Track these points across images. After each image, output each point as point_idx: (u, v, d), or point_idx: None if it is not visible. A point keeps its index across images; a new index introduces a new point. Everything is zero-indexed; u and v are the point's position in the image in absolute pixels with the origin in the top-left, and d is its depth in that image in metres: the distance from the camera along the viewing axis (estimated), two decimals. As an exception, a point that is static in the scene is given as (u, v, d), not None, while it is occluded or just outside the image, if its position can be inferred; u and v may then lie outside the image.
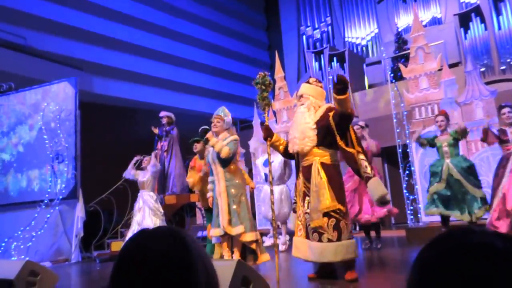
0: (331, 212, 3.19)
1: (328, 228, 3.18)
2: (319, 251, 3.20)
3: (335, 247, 3.16)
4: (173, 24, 12.45)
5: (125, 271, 0.74)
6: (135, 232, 0.81)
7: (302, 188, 3.43)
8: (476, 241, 0.59)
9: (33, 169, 7.19)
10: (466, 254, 0.58)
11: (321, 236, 3.20)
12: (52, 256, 6.53)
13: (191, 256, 0.75)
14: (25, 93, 7.52)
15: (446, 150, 4.86)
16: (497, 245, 0.58)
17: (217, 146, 4.02)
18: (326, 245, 3.17)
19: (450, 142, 4.84)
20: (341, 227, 3.19)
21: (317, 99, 3.50)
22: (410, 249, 5.10)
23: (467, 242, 0.60)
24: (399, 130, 6.81)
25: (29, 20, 8.82)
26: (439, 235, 0.64)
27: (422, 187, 6.13)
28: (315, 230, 3.23)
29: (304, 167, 3.43)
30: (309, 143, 3.36)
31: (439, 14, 12.23)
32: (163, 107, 9.84)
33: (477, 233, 0.61)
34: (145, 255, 0.74)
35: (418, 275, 0.61)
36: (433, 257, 0.61)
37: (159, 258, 0.73)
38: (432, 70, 6.50)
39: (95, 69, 9.88)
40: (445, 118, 4.97)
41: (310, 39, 14.83)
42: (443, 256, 0.59)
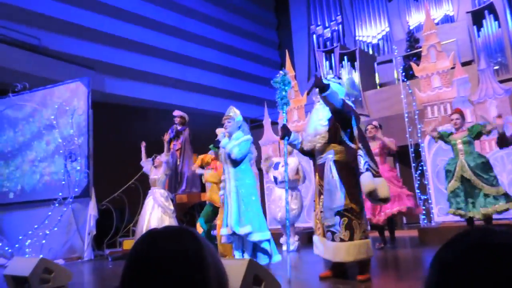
0: (343, 211, 3.16)
1: (340, 227, 3.16)
2: (332, 250, 3.19)
3: (347, 247, 3.13)
4: (183, 24, 12.50)
5: (136, 271, 0.74)
6: (145, 232, 0.81)
7: (317, 186, 3.43)
8: (496, 241, 0.59)
9: (47, 168, 7.29)
10: (487, 254, 0.58)
11: (334, 236, 3.19)
12: (65, 254, 6.62)
13: (202, 255, 0.76)
14: (39, 92, 7.63)
15: (460, 148, 4.77)
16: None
17: (228, 147, 4.04)
18: (339, 244, 3.16)
19: (464, 140, 4.75)
20: (353, 226, 3.16)
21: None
22: (423, 250, 5.05)
23: (487, 242, 0.59)
24: (411, 129, 6.75)
25: (43, 21, 8.93)
26: (457, 234, 0.64)
27: (434, 187, 6.07)
28: (329, 229, 3.22)
29: (318, 165, 3.41)
30: (320, 139, 3.34)
31: (451, 12, 12.08)
32: (174, 107, 9.89)
33: (497, 233, 0.60)
34: (155, 254, 0.74)
35: (438, 275, 0.60)
36: (452, 257, 0.61)
37: (169, 257, 0.73)
38: (444, 68, 6.43)
39: (106, 68, 9.98)
40: (460, 116, 4.90)
41: (321, 38, 14.77)
42: (463, 256, 0.59)
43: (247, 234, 3.91)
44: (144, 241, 0.78)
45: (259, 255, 4.00)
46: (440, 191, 5.92)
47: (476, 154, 4.79)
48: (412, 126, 6.75)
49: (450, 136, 4.92)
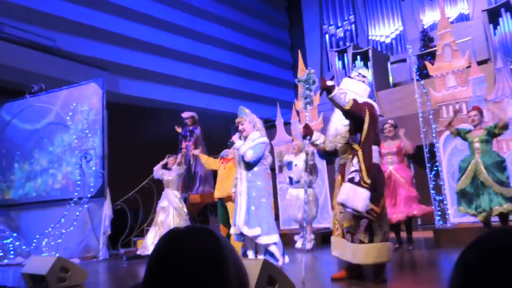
0: (364, 213, 3.11)
1: (360, 229, 3.12)
2: (352, 251, 3.15)
3: (366, 249, 3.08)
4: (196, 25, 12.57)
5: (157, 269, 0.75)
6: (167, 231, 0.82)
7: (339, 186, 3.36)
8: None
9: (63, 168, 7.40)
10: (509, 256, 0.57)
11: (353, 237, 3.16)
12: (81, 253, 6.71)
13: (222, 254, 0.76)
14: (54, 93, 7.75)
15: (477, 146, 4.68)
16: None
17: (242, 149, 4.03)
18: (358, 246, 3.12)
19: (482, 138, 4.65)
20: (373, 228, 3.11)
21: (357, 94, 3.34)
22: (438, 251, 4.99)
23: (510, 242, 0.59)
24: (425, 129, 6.66)
25: (58, 23, 9.07)
26: (482, 235, 0.63)
27: (449, 187, 5.98)
28: (349, 230, 3.19)
29: (340, 165, 3.38)
30: (341, 140, 3.31)
31: (467, 10, 11.91)
32: (186, 107, 9.96)
33: (523, 234, 0.60)
34: (175, 253, 0.75)
35: (462, 277, 0.60)
36: (477, 258, 0.60)
37: (189, 256, 0.74)
38: (459, 67, 6.34)
39: (120, 69, 10.09)
40: (478, 113, 4.81)
41: (333, 38, 14.70)
42: (488, 257, 0.58)
43: (255, 236, 3.91)
44: (165, 240, 0.79)
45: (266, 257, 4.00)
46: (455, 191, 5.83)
47: (494, 154, 4.70)
48: (427, 126, 6.66)
49: (468, 134, 4.83)
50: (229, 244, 0.80)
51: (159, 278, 0.74)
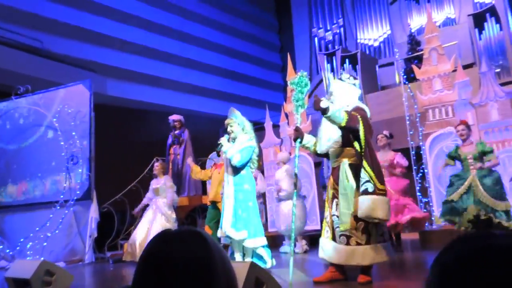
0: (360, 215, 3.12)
1: (357, 231, 3.14)
2: (347, 254, 3.16)
3: (363, 250, 3.12)
4: (185, 27, 12.54)
5: (147, 273, 0.75)
6: (159, 233, 0.82)
7: (331, 190, 3.38)
8: (496, 244, 0.59)
9: (49, 170, 7.31)
10: (487, 257, 0.58)
11: (349, 239, 3.16)
12: (66, 256, 6.62)
13: (213, 258, 0.76)
14: (41, 95, 7.65)
15: (471, 163, 4.61)
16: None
17: (230, 152, 4.02)
18: (355, 248, 3.13)
19: (475, 155, 4.59)
20: (370, 230, 3.14)
21: (346, 97, 3.36)
22: (424, 252, 5.05)
23: (487, 245, 0.60)
24: (412, 132, 6.74)
25: (46, 24, 8.97)
26: (458, 237, 0.64)
27: (435, 190, 6.06)
28: (343, 233, 3.19)
29: (333, 168, 3.39)
30: (335, 144, 3.32)
31: (453, 15, 12.09)
32: (175, 109, 9.91)
33: (497, 236, 0.60)
34: (166, 257, 0.74)
35: (438, 278, 0.60)
36: (452, 260, 0.61)
37: (180, 261, 0.74)
38: (446, 71, 6.43)
39: (108, 71, 10.01)
40: (466, 127, 4.78)
41: (322, 41, 14.79)
42: (463, 259, 0.59)
43: (242, 240, 3.91)
44: (155, 242, 0.79)
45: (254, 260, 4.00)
46: (441, 194, 5.90)
47: (486, 171, 4.59)
48: (414, 129, 6.74)
49: (459, 150, 4.75)
50: (219, 248, 0.80)
51: (148, 281, 0.74)
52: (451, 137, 5.84)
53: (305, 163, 7.46)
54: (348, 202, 3.17)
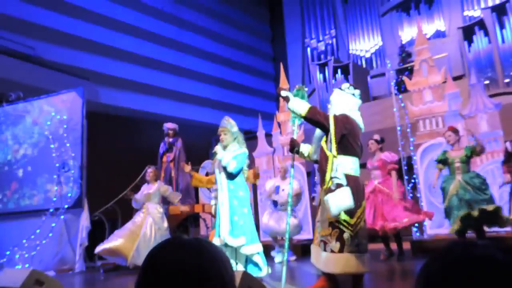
0: (335, 223, 3.15)
1: (331, 238, 3.15)
2: (324, 260, 3.20)
3: (335, 259, 3.12)
4: (179, 35, 12.60)
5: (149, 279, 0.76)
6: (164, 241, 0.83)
7: (320, 196, 3.41)
8: (478, 254, 0.62)
9: (39, 178, 7.24)
10: (469, 267, 0.61)
11: (326, 246, 3.19)
12: (56, 265, 6.54)
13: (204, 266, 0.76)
14: (33, 102, 7.61)
15: (458, 166, 4.78)
16: (499, 258, 0.61)
17: (225, 159, 4.04)
18: (329, 255, 3.16)
19: (462, 159, 4.76)
20: (344, 238, 3.13)
21: (342, 105, 3.41)
22: (415, 262, 5.07)
23: (469, 254, 0.62)
24: (403, 142, 6.82)
25: (38, 31, 8.97)
26: (444, 248, 0.67)
27: (426, 200, 6.12)
28: (322, 239, 3.23)
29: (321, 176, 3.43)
30: (327, 150, 3.33)
31: (443, 27, 12.31)
32: (168, 117, 9.91)
33: (479, 246, 0.63)
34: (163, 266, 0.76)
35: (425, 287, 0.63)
36: (437, 270, 0.64)
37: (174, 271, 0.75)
38: (436, 83, 6.54)
39: (101, 79, 10.00)
40: (453, 132, 4.93)
41: (315, 51, 14.95)
42: (447, 269, 0.62)
43: (240, 246, 3.91)
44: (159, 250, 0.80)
45: (250, 267, 4.00)
46: (432, 204, 5.97)
47: (473, 174, 4.78)
48: (405, 140, 6.82)
49: (447, 154, 4.91)
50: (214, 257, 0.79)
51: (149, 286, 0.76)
52: (441, 147, 5.91)
53: (298, 173, 7.48)
54: (326, 208, 3.19)
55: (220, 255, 0.81)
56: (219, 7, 14.38)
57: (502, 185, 5.24)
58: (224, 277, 0.78)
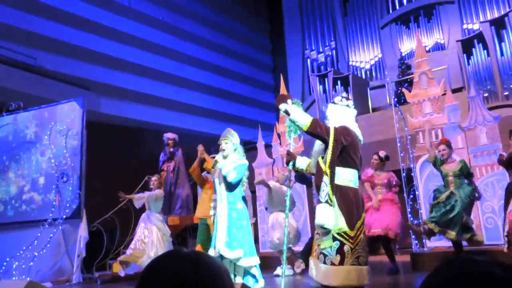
0: (336, 235, 3.13)
1: (332, 250, 3.14)
2: (323, 273, 3.17)
3: (335, 271, 3.10)
4: (179, 46, 12.69)
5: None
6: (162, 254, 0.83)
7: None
8: (478, 270, 0.62)
9: (38, 188, 7.22)
10: (468, 283, 0.60)
11: (325, 258, 3.17)
12: (53, 276, 6.48)
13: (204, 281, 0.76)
14: (33, 112, 7.62)
15: (451, 180, 4.84)
16: (498, 273, 0.60)
17: (225, 169, 4.03)
18: (329, 268, 3.13)
19: (456, 173, 4.82)
20: (345, 251, 3.12)
21: (339, 119, 3.44)
22: (415, 275, 5.03)
23: (469, 270, 0.62)
24: (403, 154, 6.82)
25: (40, 41, 9.03)
26: (442, 263, 0.67)
27: (426, 212, 6.09)
28: (321, 251, 3.20)
29: (317, 187, 3.41)
30: (322, 164, 3.33)
31: (442, 40, 12.41)
32: (168, 127, 9.93)
33: (479, 262, 0.63)
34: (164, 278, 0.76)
35: (423, 303, 0.63)
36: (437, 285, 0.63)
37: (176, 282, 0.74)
38: (435, 95, 6.55)
39: (102, 89, 10.04)
40: (446, 146, 4.98)
41: (315, 63, 15.04)
42: (447, 284, 0.61)
43: (237, 259, 3.89)
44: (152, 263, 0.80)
45: (247, 279, 3.97)
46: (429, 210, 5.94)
47: (467, 189, 4.82)
48: (404, 151, 6.82)
49: (441, 167, 4.97)
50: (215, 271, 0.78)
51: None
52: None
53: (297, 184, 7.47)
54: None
55: (218, 268, 0.80)
56: (219, 19, 14.52)
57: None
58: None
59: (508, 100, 9.25)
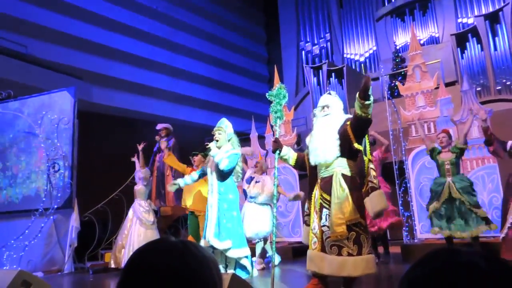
0: (352, 226, 3.14)
1: (348, 241, 3.13)
2: (339, 264, 3.13)
3: (354, 261, 3.10)
4: (173, 36, 12.57)
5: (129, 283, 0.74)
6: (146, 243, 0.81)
7: (318, 200, 3.35)
8: (461, 260, 0.62)
9: (29, 178, 7.17)
10: (452, 274, 0.60)
11: (341, 250, 3.14)
12: (45, 266, 6.47)
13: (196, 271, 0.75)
14: (24, 101, 7.54)
15: (448, 168, 4.90)
16: (481, 265, 0.61)
17: (218, 156, 4.04)
18: (346, 259, 3.12)
19: (452, 161, 4.90)
20: (361, 241, 3.14)
21: (340, 109, 3.52)
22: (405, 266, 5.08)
23: (452, 261, 0.62)
24: (395, 146, 6.85)
25: (31, 29, 8.89)
26: (426, 254, 0.67)
27: (417, 204, 6.15)
28: (335, 243, 3.16)
29: (322, 179, 3.36)
30: (333, 154, 3.30)
31: (437, 34, 12.41)
32: (161, 118, 9.87)
33: (462, 253, 0.63)
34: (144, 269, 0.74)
35: (407, 293, 0.63)
36: (420, 276, 0.63)
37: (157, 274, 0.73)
38: (428, 88, 6.57)
39: (95, 78, 9.94)
40: (447, 135, 5.07)
41: (309, 55, 14.99)
42: (430, 275, 0.62)
43: (226, 250, 3.90)
44: (139, 253, 0.78)
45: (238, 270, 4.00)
46: (423, 208, 5.99)
47: (463, 177, 4.94)
48: (397, 144, 6.85)
49: (438, 156, 5.03)
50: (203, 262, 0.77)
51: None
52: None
53: (290, 175, 7.49)
54: (342, 211, 3.15)
55: (206, 259, 0.78)
56: (214, 9, 14.38)
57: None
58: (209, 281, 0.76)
59: (500, 95, 9.31)
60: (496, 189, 5.56)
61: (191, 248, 0.78)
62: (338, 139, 3.31)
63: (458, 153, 4.92)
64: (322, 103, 3.53)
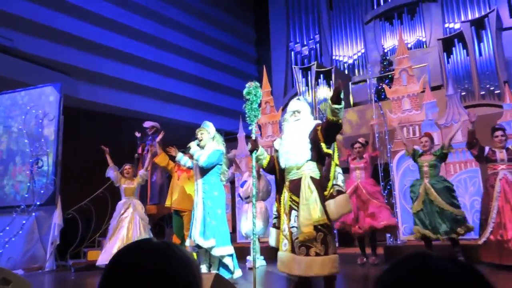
0: (319, 226, 3.19)
1: (316, 242, 3.19)
2: (306, 264, 3.19)
3: (322, 261, 3.16)
4: (162, 33, 12.48)
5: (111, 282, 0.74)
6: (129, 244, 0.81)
7: (288, 202, 3.40)
8: (431, 265, 0.63)
9: (12, 174, 7.05)
10: (423, 278, 0.62)
11: (309, 250, 3.20)
12: (26, 264, 6.37)
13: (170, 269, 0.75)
14: (8, 95, 7.41)
15: (426, 170, 5.01)
16: (451, 269, 0.62)
17: (197, 153, 4.08)
18: (314, 258, 3.17)
19: (431, 163, 4.99)
20: (328, 241, 3.21)
21: (309, 114, 3.61)
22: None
23: (423, 266, 0.63)
24: (381, 149, 6.91)
25: (18, 22, 8.73)
26: (398, 259, 0.68)
27: (401, 206, 6.22)
28: (303, 243, 3.22)
29: (291, 181, 3.41)
30: (304, 157, 3.37)
31: (424, 38, 12.57)
32: (148, 116, 9.79)
33: (432, 258, 0.64)
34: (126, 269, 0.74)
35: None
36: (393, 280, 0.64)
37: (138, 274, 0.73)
38: (414, 92, 6.66)
39: (81, 74, 9.81)
40: (429, 139, 5.13)
41: (298, 55, 15.04)
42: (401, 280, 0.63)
43: (210, 248, 3.91)
44: (118, 253, 0.78)
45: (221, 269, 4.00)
46: (406, 210, 6.07)
47: (441, 178, 5.03)
48: (382, 146, 6.92)
49: (419, 158, 5.11)
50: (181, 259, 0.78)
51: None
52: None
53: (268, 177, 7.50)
54: (309, 213, 3.21)
55: (189, 260, 0.79)
56: (203, 7, 14.32)
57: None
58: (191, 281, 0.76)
59: (484, 100, 9.47)
60: (477, 193, 5.65)
61: (174, 249, 0.79)
62: (309, 143, 3.39)
63: (441, 156, 4.99)
64: (293, 108, 3.60)
